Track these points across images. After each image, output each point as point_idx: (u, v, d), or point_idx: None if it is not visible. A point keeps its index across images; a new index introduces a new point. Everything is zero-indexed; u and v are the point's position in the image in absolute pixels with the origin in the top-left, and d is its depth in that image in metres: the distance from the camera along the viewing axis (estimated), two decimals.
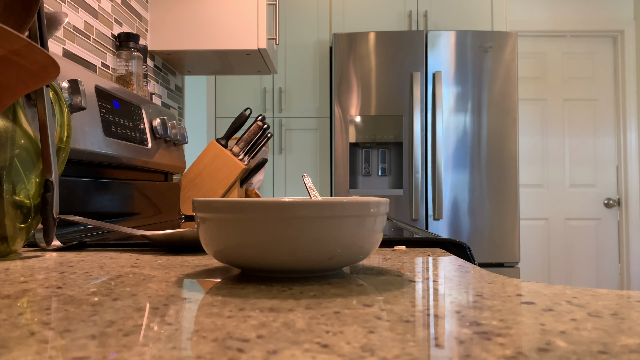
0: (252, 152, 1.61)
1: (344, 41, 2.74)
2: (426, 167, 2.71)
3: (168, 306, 0.31)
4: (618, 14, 3.61)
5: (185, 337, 0.24)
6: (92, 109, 1.00)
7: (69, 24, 1.17)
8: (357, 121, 2.73)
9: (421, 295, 0.34)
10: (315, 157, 3.01)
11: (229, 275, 0.42)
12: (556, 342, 0.24)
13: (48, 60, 0.47)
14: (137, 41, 1.39)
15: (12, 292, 0.36)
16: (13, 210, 0.53)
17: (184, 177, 1.57)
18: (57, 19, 0.72)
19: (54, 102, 0.65)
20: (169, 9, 1.64)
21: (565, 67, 3.62)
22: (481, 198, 2.70)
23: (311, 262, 0.38)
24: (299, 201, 0.37)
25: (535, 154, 3.61)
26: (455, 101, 2.72)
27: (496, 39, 2.72)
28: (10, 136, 0.54)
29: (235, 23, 1.64)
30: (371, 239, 0.40)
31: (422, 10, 3.03)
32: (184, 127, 1.55)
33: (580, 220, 3.60)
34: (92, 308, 0.31)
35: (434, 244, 0.64)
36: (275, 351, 0.22)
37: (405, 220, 2.70)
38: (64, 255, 0.57)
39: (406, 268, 0.46)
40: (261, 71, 1.99)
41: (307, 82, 3.02)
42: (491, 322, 0.27)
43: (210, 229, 0.39)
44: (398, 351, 0.22)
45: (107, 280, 0.40)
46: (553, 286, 0.37)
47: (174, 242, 0.59)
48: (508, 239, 2.70)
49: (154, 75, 1.71)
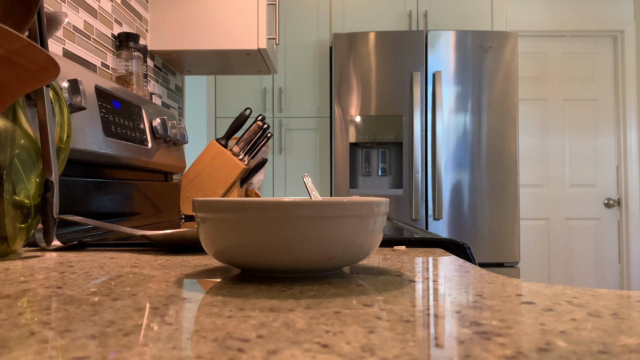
0: (252, 152, 1.61)
1: (344, 41, 2.74)
2: (426, 167, 2.71)
3: (168, 306, 0.31)
4: (618, 14, 3.60)
5: (185, 337, 0.24)
6: (92, 109, 1.00)
7: (69, 24, 1.17)
8: (357, 121, 2.73)
9: (421, 295, 0.34)
10: (315, 157, 3.01)
11: (229, 275, 0.42)
12: (556, 342, 0.24)
13: (48, 60, 0.47)
14: (137, 41, 1.39)
15: (12, 292, 0.36)
16: (13, 210, 0.53)
17: (184, 177, 1.57)
18: (57, 19, 0.72)
19: (54, 102, 0.65)
20: (169, 9, 1.64)
21: (565, 67, 3.62)
22: (481, 198, 2.70)
23: (311, 262, 0.38)
24: (299, 201, 0.37)
25: (535, 154, 3.61)
26: (455, 101, 2.72)
27: (496, 39, 2.72)
28: (10, 136, 0.54)
29: (235, 23, 1.64)
30: (371, 239, 0.40)
31: (422, 10, 3.03)
32: (184, 127, 1.55)
33: (580, 220, 3.60)
34: (92, 308, 0.31)
35: (434, 244, 0.64)
36: (275, 351, 0.22)
37: (405, 220, 2.70)
38: (64, 255, 0.57)
39: (406, 268, 0.46)
40: (261, 71, 1.99)
41: (307, 82, 3.02)
42: (491, 322, 0.27)
43: (210, 229, 0.39)
44: (398, 351, 0.22)
45: (107, 280, 0.40)
46: (553, 286, 0.37)
47: (174, 242, 0.59)
48: (508, 239, 2.70)
49: (154, 75, 1.71)
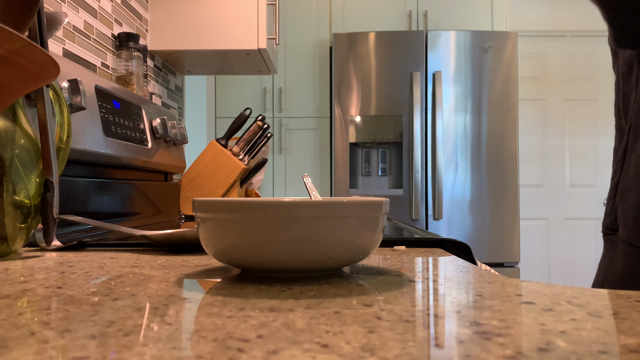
0: (252, 152, 1.61)
1: (344, 41, 2.74)
2: (426, 167, 2.71)
3: (168, 306, 0.31)
4: None
5: (185, 337, 0.24)
6: (92, 109, 1.00)
7: (69, 24, 1.17)
8: (357, 121, 2.73)
9: (421, 295, 0.34)
10: (315, 157, 3.01)
11: (229, 275, 0.42)
12: (556, 342, 0.24)
13: (48, 60, 0.47)
14: (137, 41, 1.39)
15: (12, 292, 0.36)
16: (13, 210, 0.53)
17: (184, 177, 1.57)
18: (57, 19, 0.72)
19: (54, 102, 0.65)
20: (169, 9, 1.64)
21: (565, 67, 3.62)
22: (481, 198, 2.70)
23: (311, 262, 0.38)
24: (299, 201, 0.37)
25: (535, 154, 3.61)
26: (455, 101, 2.72)
27: (496, 39, 2.72)
28: (10, 136, 0.54)
29: (235, 23, 1.64)
30: (371, 239, 0.40)
31: (422, 10, 3.03)
32: (184, 127, 1.55)
33: (580, 220, 3.60)
34: (92, 308, 0.31)
35: (434, 243, 0.64)
36: (275, 351, 0.22)
37: (405, 220, 2.70)
38: (64, 255, 0.57)
39: (406, 268, 0.46)
40: (261, 71, 1.99)
41: (307, 82, 3.02)
42: (491, 322, 0.27)
43: (210, 229, 0.39)
44: (398, 351, 0.22)
45: (107, 280, 0.40)
46: (553, 286, 0.37)
47: (174, 242, 0.59)
48: (508, 239, 2.70)
49: (154, 75, 1.71)
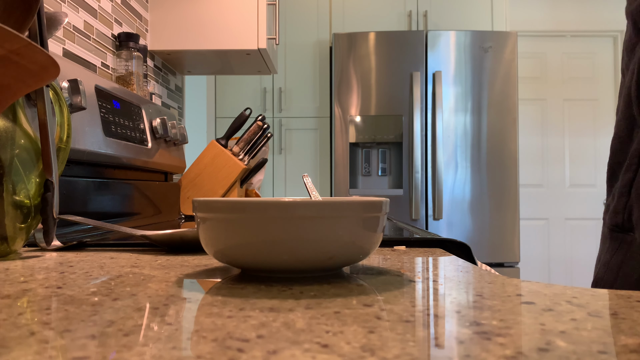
0: (252, 152, 1.61)
1: (344, 41, 2.74)
2: (426, 167, 2.71)
3: (168, 306, 0.31)
4: (618, 14, 3.60)
5: (185, 337, 0.24)
6: (92, 109, 1.00)
7: (69, 24, 1.17)
8: (357, 121, 2.73)
9: (421, 295, 0.34)
10: (315, 157, 3.01)
11: (229, 275, 0.42)
12: (556, 342, 0.24)
13: (48, 60, 0.47)
14: (137, 41, 1.39)
15: (12, 292, 0.36)
16: (13, 210, 0.53)
17: (184, 177, 1.57)
18: (57, 19, 0.72)
19: (54, 102, 0.65)
20: (169, 9, 1.64)
21: (565, 67, 3.62)
22: (481, 198, 2.70)
23: (311, 262, 0.38)
24: (299, 201, 0.37)
25: (535, 154, 3.61)
26: (455, 101, 2.72)
27: (496, 39, 2.72)
28: (10, 136, 0.54)
29: (235, 23, 1.64)
30: (371, 239, 0.40)
31: (422, 10, 3.03)
32: (184, 127, 1.55)
33: (580, 220, 3.60)
34: (92, 308, 0.31)
35: (434, 243, 0.64)
36: (275, 351, 0.22)
37: (405, 220, 2.70)
38: (64, 255, 0.57)
39: (406, 268, 0.46)
40: (261, 71, 1.99)
41: (307, 82, 3.02)
42: (491, 322, 0.27)
43: (210, 229, 0.39)
44: (398, 351, 0.22)
45: (107, 280, 0.40)
46: (553, 286, 0.37)
47: (174, 242, 0.59)
48: (508, 239, 2.70)
49: (154, 75, 1.71)
